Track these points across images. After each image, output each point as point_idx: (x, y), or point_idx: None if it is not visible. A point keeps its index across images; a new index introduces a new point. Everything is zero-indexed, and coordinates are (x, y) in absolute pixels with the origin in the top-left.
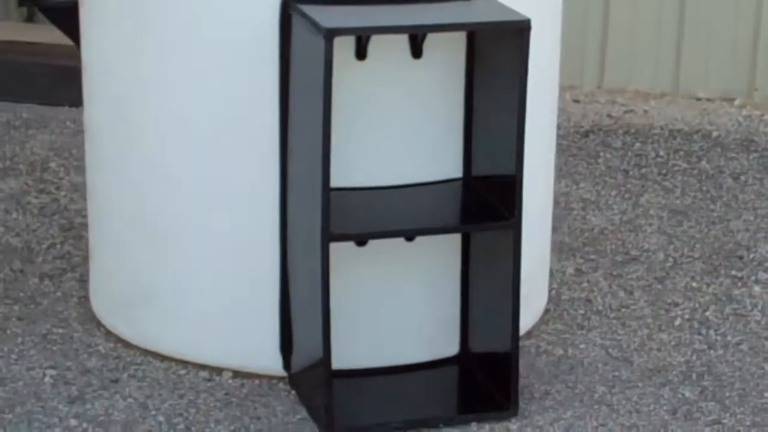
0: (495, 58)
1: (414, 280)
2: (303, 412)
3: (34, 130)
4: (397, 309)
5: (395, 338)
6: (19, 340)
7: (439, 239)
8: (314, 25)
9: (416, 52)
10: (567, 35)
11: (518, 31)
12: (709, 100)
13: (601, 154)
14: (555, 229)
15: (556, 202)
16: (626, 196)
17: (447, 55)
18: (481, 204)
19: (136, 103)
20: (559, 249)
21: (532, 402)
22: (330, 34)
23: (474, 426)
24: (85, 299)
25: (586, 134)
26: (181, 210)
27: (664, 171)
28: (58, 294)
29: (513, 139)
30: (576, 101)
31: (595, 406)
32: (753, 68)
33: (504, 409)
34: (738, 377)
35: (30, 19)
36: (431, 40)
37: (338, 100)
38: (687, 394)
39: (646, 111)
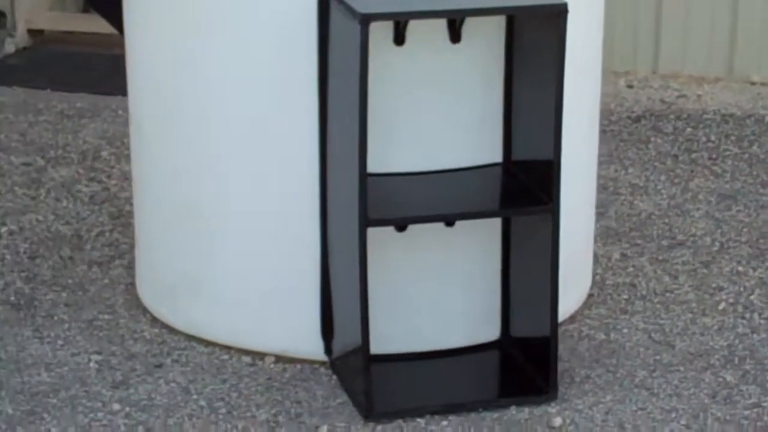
0: (533, 42)
1: (454, 265)
2: (343, 396)
3: (87, 119)
4: (438, 294)
5: (436, 323)
6: (66, 326)
7: (479, 224)
8: (350, 10)
9: (455, 37)
10: (620, 21)
11: (555, 14)
12: (763, 84)
13: (652, 139)
14: (602, 215)
15: (604, 188)
16: (675, 180)
17: (486, 40)
18: (520, 189)
19: (178, 88)
20: (605, 234)
21: (573, 386)
22: (366, 20)
23: (513, 410)
24: (132, 286)
25: (638, 119)
26: (223, 196)
27: (714, 156)
28: (106, 281)
29: (551, 123)
30: (629, 86)
31: (635, 390)
32: None
33: (543, 392)
34: None
35: (86, 9)
36: (469, 25)
37: (377, 85)
38: (728, 378)
39: (699, 96)
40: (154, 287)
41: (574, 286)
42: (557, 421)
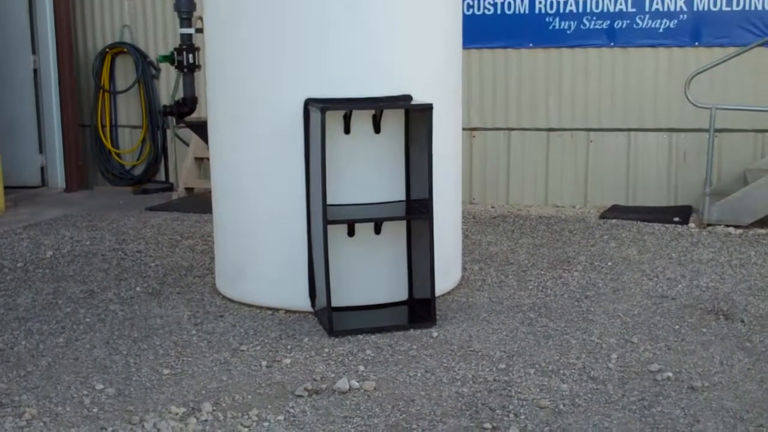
0: (418, 131)
1: (382, 256)
2: (319, 327)
3: (210, 223)
4: (373, 273)
5: (371, 289)
6: (174, 298)
7: (393, 232)
8: (315, 106)
9: (377, 128)
10: None
11: (427, 109)
12: None
13: None
14: None
15: None
16: None
17: (394, 129)
18: (414, 209)
19: (233, 161)
20: None
21: (445, 321)
22: (324, 109)
23: (412, 330)
24: (215, 284)
25: None
26: (251, 217)
27: None
28: (200, 282)
29: (427, 176)
30: None
31: (481, 322)
32: None
33: (428, 321)
34: None
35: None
36: (385, 121)
37: (334, 158)
38: (531, 315)
39: None
40: (221, 277)
41: (449, 276)
42: (435, 334)
